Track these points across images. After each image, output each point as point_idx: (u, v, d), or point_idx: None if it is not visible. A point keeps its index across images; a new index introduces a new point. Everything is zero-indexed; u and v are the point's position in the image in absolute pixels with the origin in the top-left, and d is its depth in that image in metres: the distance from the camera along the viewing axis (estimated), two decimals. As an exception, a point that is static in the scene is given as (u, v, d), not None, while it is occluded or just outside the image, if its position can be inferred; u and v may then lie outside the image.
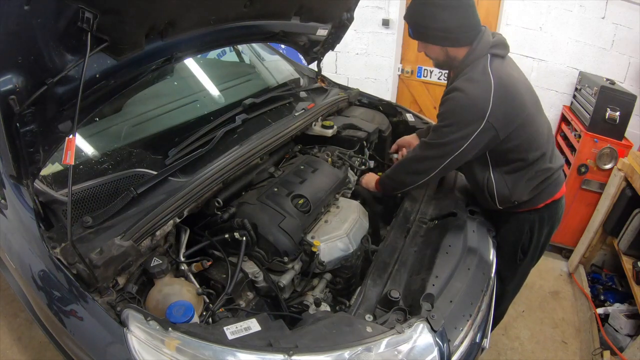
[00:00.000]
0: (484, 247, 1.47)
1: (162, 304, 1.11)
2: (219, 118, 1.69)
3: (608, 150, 2.54)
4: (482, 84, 1.37)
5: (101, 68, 1.16)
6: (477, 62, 1.42)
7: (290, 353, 0.94)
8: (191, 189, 1.32)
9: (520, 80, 1.47)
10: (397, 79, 3.86)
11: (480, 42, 1.42)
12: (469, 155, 1.44)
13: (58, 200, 1.19)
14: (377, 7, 3.53)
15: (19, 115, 0.94)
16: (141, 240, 1.16)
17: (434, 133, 1.47)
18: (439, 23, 1.39)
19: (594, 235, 2.58)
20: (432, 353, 1.05)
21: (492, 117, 1.35)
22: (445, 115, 1.44)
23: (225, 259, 1.31)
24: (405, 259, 1.40)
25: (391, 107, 2.36)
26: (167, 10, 1.19)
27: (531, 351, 2.24)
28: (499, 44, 1.45)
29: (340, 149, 1.98)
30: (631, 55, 2.75)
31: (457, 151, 1.42)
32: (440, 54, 1.48)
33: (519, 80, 1.46)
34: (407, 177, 1.59)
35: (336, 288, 1.50)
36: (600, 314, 2.29)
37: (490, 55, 1.42)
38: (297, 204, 1.48)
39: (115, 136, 1.58)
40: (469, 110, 1.38)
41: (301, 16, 1.87)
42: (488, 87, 1.36)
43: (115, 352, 0.98)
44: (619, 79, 2.76)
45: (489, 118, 1.35)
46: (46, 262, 1.11)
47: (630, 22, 2.68)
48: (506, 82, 1.38)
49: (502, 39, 1.47)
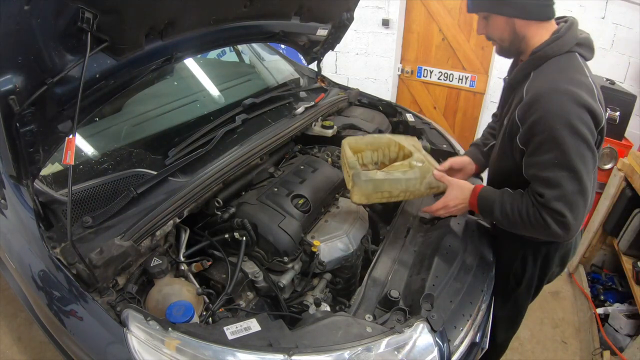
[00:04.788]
0: (484, 247, 1.46)
1: (162, 304, 1.11)
2: (219, 118, 1.69)
3: (608, 150, 2.54)
4: (587, 86, 1.09)
5: (101, 68, 1.16)
6: (569, 57, 1.14)
7: (290, 353, 0.94)
8: (191, 189, 1.32)
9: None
10: (397, 79, 3.86)
11: (569, 30, 1.14)
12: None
13: (58, 200, 1.19)
14: (377, 7, 3.53)
15: (19, 115, 0.94)
16: (141, 241, 1.17)
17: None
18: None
19: (594, 235, 2.58)
20: (432, 353, 1.04)
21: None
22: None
23: (225, 259, 1.31)
24: (405, 259, 1.40)
25: (391, 107, 2.36)
26: (167, 10, 1.19)
27: (531, 351, 2.24)
28: (586, 44, 1.17)
29: (340, 149, 1.98)
30: (631, 55, 2.74)
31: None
32: (505, 30, 1.18)
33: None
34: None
35: (336, 288, 1.50)
36: (600, 314, 2.29)
37: (577, 54, 1.15)
38: (297, 204, 1.48)
39: (115, 136, 1.58)
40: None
41: (301, 16, 1.87)
42: (593, 94, 1.08)
43: (115, 352, 0.98)
44: (619, 79, 2.76)
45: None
46: (46, 262, 1.11)
47: (630, 22, 2.67)
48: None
49: (590, 39, 1.19)
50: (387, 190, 1.36)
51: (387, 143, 1.56)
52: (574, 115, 1.04)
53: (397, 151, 1.55)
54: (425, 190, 1.39)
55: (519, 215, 1.16)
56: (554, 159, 1.07)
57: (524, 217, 1.15)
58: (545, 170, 1.09)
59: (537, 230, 1.15)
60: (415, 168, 1.38)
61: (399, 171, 1.38)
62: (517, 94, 1.21)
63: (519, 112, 1.14)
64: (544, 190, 1.10)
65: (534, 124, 1.09)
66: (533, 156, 1.12)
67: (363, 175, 1.33)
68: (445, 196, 1.33)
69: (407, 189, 1.37)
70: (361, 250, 1.53)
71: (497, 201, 1.22)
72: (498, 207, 1.21)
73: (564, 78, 1.09)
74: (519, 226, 1.19)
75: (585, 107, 1.05)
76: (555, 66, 1.14)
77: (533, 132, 1.10)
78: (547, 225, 1.11)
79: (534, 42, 1.17)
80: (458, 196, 1.31)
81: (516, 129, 1.16)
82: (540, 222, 1.12)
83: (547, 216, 1.10)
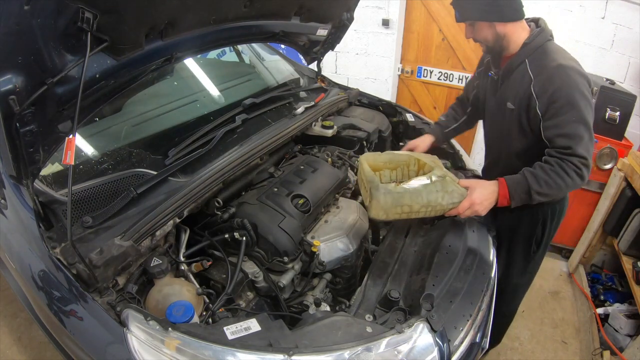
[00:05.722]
0: (484, 247, 1.46)
1: (162, 304, 1.11)
2: (219, 118, 1.69)
3: (608, 150, 2.54)
4: (577, 61, 1.39)
5: (101, 68, 1.16)
6: (551, 43, 1.43)
7: (290, 353, 0.94)
8: (191, 189, 1.32)
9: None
10: (397, 79, 3.86)
11: (545, 25, 1.46)
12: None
13: (58, 200, 1.19)
14: (377, 7, 3.53)
15: (19, 115, 0.94)
16: (141, 241, 1.17)
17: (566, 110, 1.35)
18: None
19: (593, 235, 2.58)
20: (432, 353, 1.05)
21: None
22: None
23: (225, 259, 1.31)
24: (405, 259, 1.40)
25: (391, 107, 2.36)
26: (167, 10, 1.19)
27: (531, 351, 2.24)
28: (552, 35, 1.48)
29: (340, 149, 1.98)
30: (631, 55, 2.74)
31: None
32: (489, 33, 1.44)
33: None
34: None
35: (336, 288, 1.50)
36: (600, 314, 2.29)
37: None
38: (297, 204, 1.48)
39: (115, 136, 1.58)
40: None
41: (301, 16, 1.87)
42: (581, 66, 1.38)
43: (115, 352, 0.98)
44: (619, 79, 2.76)
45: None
46: (46, 262, 1.11)
47: (630, 22, 2.67)
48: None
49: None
50: (407, 204, 1.30)
51: (406, 161, 1.52)
52: (581, 84, 1.33)
53: (416, 170, 1.51)
54: (447, 204, 1.35)
55: (557, 176, 1.34)
56: (572, 117, 1.33)
57: (561, 174, 1.33)
58: (566, 127, 1.34)
59: (573, 181, 1.34)
60: (437, 182, 1.33)
61: (420, 184, 1.33)
62: (513, 79, 1.47)
63: (536, 87, 1.38)
64: (568, 143, 1.33)
65: (554, 93, 1.34)
66: (554, 118, 1.36)
67: (382, 188, 1.27)
68: (469, 196, 1.38)
69: (429, 203, 1.32)
70: (361, 250, 1.53)
71: (528, 178, 1.37)
72: (534, 181, 1.36)
73: (562, 57, 1.38)
74: (561, 187, 1.35)
75: (585, 77, 1.35)
76: (549, 50, 1.41)
77: (553, 99, 1.34)
78: (579, 171, 1.33)
79: (514, 39, 1.45)
80: (483, 193, 1.39)
81: (534, 102, 1.39)
82: (573, 171, 1.33)
83: (577, 163, 1.32)
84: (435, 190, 1.32)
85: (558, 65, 1.35)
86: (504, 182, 1.40)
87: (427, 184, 1.33)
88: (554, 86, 1.34)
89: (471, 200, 1.36)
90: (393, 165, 1.53)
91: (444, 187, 1.33)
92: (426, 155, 1.56)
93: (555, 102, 1.34)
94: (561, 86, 1.33)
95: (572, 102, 1.32)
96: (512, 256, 1.70)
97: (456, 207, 1.37)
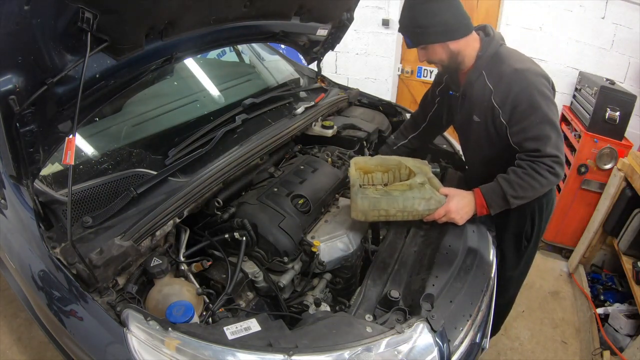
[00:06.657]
0: (484, 247, 1.46)
1: (162, 304, 1.11)
2: (219, 118, 1.69)
3: (608, 150, 2.54)
4: (531, 60, 1.44)
5: (101, 68, 1.16)
6: (503, 48, 1.46)
7: (290, 353, 0.94)
8: (191, 189, 1.32)
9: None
10: (397, 79, 3.86)
11: (492, 31, 1.48)
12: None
13: (58, 200, 1.19)
14: (377, 7, 3.53)
15: (19, 115, 0.94)
16: (141, 241, 1.16)
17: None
18: (435, 17, 1.37)
19: (594, 235, 2.58)
20: (432, 353, 1.05)
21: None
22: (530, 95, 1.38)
23: (225, 259, 1.31)
24: (405, 259, 1.40)
25: (391, 107, 2.36)
26: (167, 10, 1.19)
27: (531, 351, 2.24)
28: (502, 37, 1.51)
29: (340, 149, 1.98)
30: (631, 55, 2.75)
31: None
32: (443, 53, 1.45)
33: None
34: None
35: (336, 288, 1.50)
36: (600, 314, 2.29)
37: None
38: (297, 204, 1.48)
39: (115, 136, 1.57)
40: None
41: (301, 16, 1.87)
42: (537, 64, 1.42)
43: (115, 352, 0.98)
44: (618, 79, 2.76)
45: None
46: (46, 262, 1.11)
47: (630, 22, 2.68)
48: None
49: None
50: (384, 208, 1.39)
51: (397, 165, 1.58)
52: (539, 84, 1.36)
53: (407, 173, 1.56)
54: (423, 210, 1.42)
55: (530, 178, 1.36)
56: (536, 119, 1.35)
57: (535, 176, 1.36)
58: (532, 130, 1.36)
59: (548, 180, 1.36)
60: (415, 188, 1.40)
61: (398, 190, 1.39)
62: (475, 93, 1.48)
63: (496, 98, 1.41)
64: (537, 145, 1.35)
65: (515, 98, 1.36)
66: (519, 123, 1.38)
67: (360, 192, 1.37)
68: (447, 204, 1.43)
69: (405, 208, 1.40)
70: (361, 250, 1.53)
71: (502, 184, 1.40)
72: (508, 187, 1.39)
73: (516, 61, 1.41)
74: (536, 189, 1.38)
75: (542, 76, 1.38)
76: (503, 57, 1.43)
77: (515, 104, 1.37)
78: (552, 170, 1.34)
79: (468, 52, 1.46)
80: (460, 202, 1.44)
81: (497, 112, 1.42)
82: (546, 171, 1.35)
83: (549, 162, 1.34)
84: (412, 197, 1.39)
85: (514, 70, 1.38)
86: (479, 192, 1.46)
87: (405, 190, 1.40)
88: (514, 92, 1.36)
89: (447, 208, 1.42)
90: (384, 169, 1.59)
91: (422, 194, 1.40)
92: (414, 160, 1.59)
93: (517, 107, 1.37)
94: (520, 91, 1.35)
95: (533, 104, 1.34)
96: (503, 252, 1.71)
97: (432, 213, 1.43)
